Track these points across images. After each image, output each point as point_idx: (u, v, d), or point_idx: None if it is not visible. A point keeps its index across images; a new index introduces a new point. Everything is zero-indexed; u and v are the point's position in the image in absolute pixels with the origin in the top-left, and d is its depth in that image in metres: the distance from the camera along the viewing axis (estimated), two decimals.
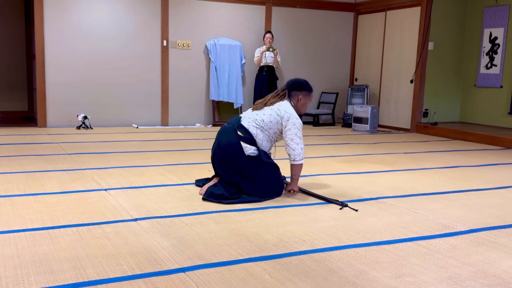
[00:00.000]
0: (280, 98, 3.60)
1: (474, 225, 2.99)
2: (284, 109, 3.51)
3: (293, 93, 3.61)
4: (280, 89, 3.67)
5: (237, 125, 3.53)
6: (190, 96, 8.13)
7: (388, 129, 8.36)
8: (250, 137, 3.48)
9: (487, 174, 4.61)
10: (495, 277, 2.23)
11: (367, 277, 2.18)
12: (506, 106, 7.55)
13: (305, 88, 3.65)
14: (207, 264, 2.28)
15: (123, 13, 7.59)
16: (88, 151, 5.30)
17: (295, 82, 3.66)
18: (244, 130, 3.49)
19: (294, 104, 3.62)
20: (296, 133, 3.51)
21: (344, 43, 9.19)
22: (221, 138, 3.54)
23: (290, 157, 3.57)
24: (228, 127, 3.56)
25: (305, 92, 3.64)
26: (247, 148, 3.45)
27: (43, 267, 2.19)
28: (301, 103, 3.64)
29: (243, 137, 3.46)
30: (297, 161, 3.56)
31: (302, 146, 3.55)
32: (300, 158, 3.55)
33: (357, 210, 3.23)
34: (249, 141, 3.47)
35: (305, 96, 3.64)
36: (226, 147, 3.47)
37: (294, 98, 3.62)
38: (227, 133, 3.51)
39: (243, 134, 3.47)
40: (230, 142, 3.46)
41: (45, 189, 3.59)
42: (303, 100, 3.63)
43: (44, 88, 7.27)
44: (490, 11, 7.69)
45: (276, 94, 3.64)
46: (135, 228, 2.77)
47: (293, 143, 3.51)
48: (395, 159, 5.31)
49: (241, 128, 3.50)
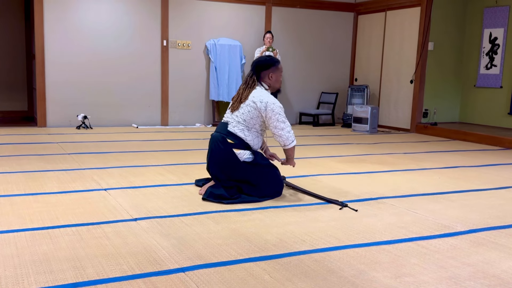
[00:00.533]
0: (251, 87, 3.50)
1: (474, 226, 2.99)
2: (258, 99, 3.41)
3: (262, 74, 3.54)
4: (248, 76, 3.56)
5: (225, 132, 3.48)
6: (190, 96, 8.13)
7: (388, 129, 8.37)
8: (241, 141, 3.45)
9: (487, 175, 4.61)
10: (495, 277, 2.23)
11: (367, 277, 2.18)
12: (506, 106, 7.55)
13: (270, 64, 3.54)
14: (206, 264, 2.28)
15: (123, 13, 7.59)
16: (88, 151, 5.30)
17: (258, 62, 3.55)
18: (233, 136, 3.45)
19: (267, 84, 3.55)
20: (278, 119, 3.40)
21: (344, 43, 9.20)
22: (213, 149, 3.50)
23: (280, 144, 3.52)
24: (217, 136, 3.50)
25: (273, 68, 3.55)
26: (241, 154, 3.43)
27: (43, 267, 2.19)
28: (274, 80, 3.56)
29: (234, 144, 3.43)
30: (287, 145, 3.49)
31: (289, 129, 3.46)
32: (289, 142, 3.47)
33: (356, 210, 3.23)
34: (241, 145, 3.44)
35: (274, 71, 3.55)
36: (220, 158, 3.45)
37: (265, 79, 3.54)
38: (218, 143, 3.46)
39: (234, 140, 3.44)
40: (223, 151, 3.43)
41: (45, 189, 3.59)
42: (274, 76, 3.55)
43: (44, 88, 7.27)
44: (490, 12, 7.70)
45: (246, 84, 3.53)
46: (134, 228, 2.77)
47: (278, 130, 3.43)
48: (395, 159, 5.31)
49: (230, 135, 3.45)
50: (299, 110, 8.91)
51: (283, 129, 3.43)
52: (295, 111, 8.94)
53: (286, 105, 8.76)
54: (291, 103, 8.88)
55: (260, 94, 3.45)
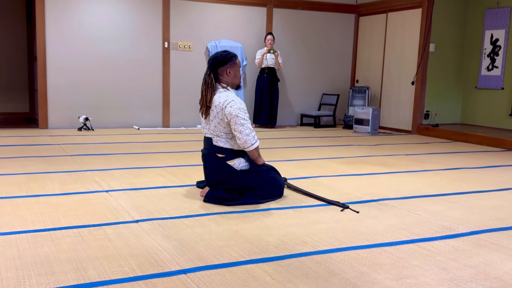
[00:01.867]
0: (211, 87, 3.38)
1: (476, 227, 2.99)
2: (220, 105, 3.31)
3: (219, 70, 3.41)
4: (206, 74, 3.41)
5: (212, 148, 3.45)
6: (192, 97, 8.12)
7: (389, 130, 8.36)
8: (230, 152, 3.43)
9: (489, 176, 4.60)
10: (497, 279, 2.23)
11: (368, 279, 2.18)
12: (507, 107, 7.54)
13: (227, 59, 3.40)
14: (208, 265, 2.28)
15: (124, 15, 7.60)
16: (89, 152, 5.31)
17: (215, 59, 3.40)
18: (221, 149, 3.43)
19: (227, 81, 3.44)
20: (236, 122, 3.29)
21: (345, 45, 9.20)
22: (207, 166, 3.48)
23: (240, 146, 3.39)
24: (207, 153, 3.48)
25: (230, 63, 3.41)
26: (236, 165, 3.42)
27: (44, 269, 2.19)
28: (232, 75, 3.43)
29: (225, 156, 3.42)
30: (247, 148, 3.37)
31: (248, 131, 3.32)
32: (248, 145, 3.34)
33: (358, 212, 3.23)
34: (232, 155, 3.43)
35: (231, 66, 3.41)
36: (217, 173, 3.43)
37: (223, 75, 3.42)
38: (210, 160, 3.45)
39: (223, 153, 3.42)
40: (218, 167, 3.42)
41: (46, 191, 3.60)
42: (231, 71, 3.42)
43: (46, 90, 7.28)
44: (491, 13, 7.69)
45: (206, 85, 3.38)
46: (136, 229, 2.77)
47: (236, 132, 3.33)
48: (396, 160, 5.31)
49: (218, 149, 3.43)
50: (300, 111, 8.91)
51: (241, 132, 3.32)
52: (296, 112, 8.94)
53: (287, 106, 8.77)
54: (292, 105, 8.88)
55: (219, 100, 3.34)
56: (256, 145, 3.40)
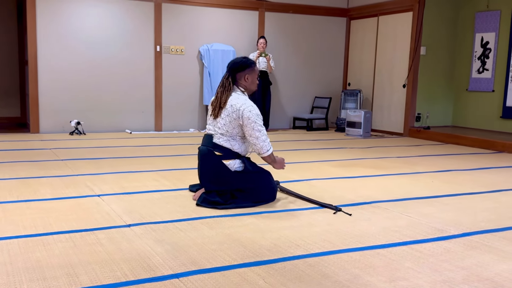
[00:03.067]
0: (228, 90, 3.43)
1: (468, 229, 3.00)
2: (236, 106, 3.35)
3: (238, 75, 3.47)
4: (224, 78, 3.47)
5: (211, 145, 3.45)
6: (184, 101, 8.13)
7: (381, 133, 8.39)
8: (229, 151, 3.43)
9: (480, 178, 4.63)
10: (489, 280, 2.24)
11: (361, 282, 2.18)
12: (498, 110, 7.60)
13: (246, 65, 3.46)
14: (201, 269, 2.27)
15: (116, 19, 7.58)
16: (81, 157, 5.28)
17: (234, 64, 3.47)
18: (220, 147, 3.43)
19: (243, 86, 3.50)
20: (253, 127, 3.35)
21: (337, 48, 9.23)
22: (203, 163, 3.48)
23: (255, 151, 3.47)
24: (204, 150, 3.48)
25: (249, 69, 3.47)
26: (231, 165, 3.42)
27: (36, 274, 2.18)
28: (249, 82, 3.49)
29: (222, 155, 3.42)
30: (262, 154, 3.43)
31: (264, 138, 3.39)
32: (264, 151, 3.42)
33: (350, 215, 3.24)
34: (230, 155, 3.43)
35: (250, 73, 3.48)
36: (211, 171, 3.44)
37: (241, 80, 3.48)
38: (206, 157, 3.45)
39: (221, 152, 3.42)
40: (212, 165, 3.42)
41: (38, 196, 3.58)
42: (249, 77, 3.48)
43: (37, 94, 7.24)
44: (482, 16, 7.76)
45: (223, 87, 3.44)
46: (128, 234, 2.76)
47: (252, 138, 3.37)
48: (388, 163, 5.33)
49: (217, 147, 3.44)
50: (292, 114, 8.93)
51: (258, 138, 3.37)
52: (289, 115, 8.96)
53: (279, 109, 8.78)
54: (284, 108, 8.90)
55: (237, 101, 3.39)
56: (271, 151, 3.48)
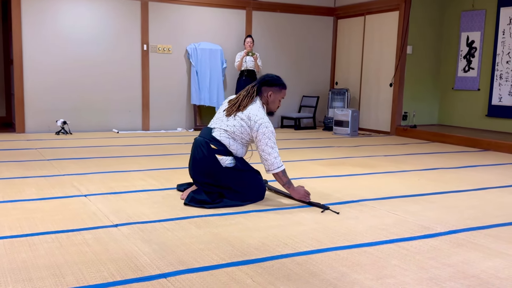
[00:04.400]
0: (251, 97, 3.44)
1: (454, 227, 3.03)
2: (254, 118, 3.35)
3: (263, 88, 3.47)
4: (251, 85, 3.49)
5: (209, 137, 3.45)
6: (171, 100, 8.09)
7: (368, 132, 8.44)
8: (224, 148, 3.43)
9: (466, 176, 4.67)
10: (475, 277, 2.26)
11: (349, 279, 2.19)
12: (483, 108, 7.67)
13: (275, 83, 3.49)
14: (188, 269, 2.27)
15: (102, 17, 7.53)
16: (67, 156, 5.24)
17: (265, 77, 3.50)
18: (217, 142, 3.42)
19: (264, 101, 3.51)
20: (267, 143, 3.34)
21: (324, 47, 9.26)
22: (195, 153, 3.47)
23: (265, 168, 3.42)
24: (200, 140, 3.47)
25: (276, 88, 3.49)
26: (223, 160, 3.41)
27: (22, 275, 2.16)
28: (271, 100, 3.49)
29: (217, 149, 3.40)
30: (271, 170, 3.38)
31: (276, 155, 3.37)
32: (274, 168, 3.37)
33: (338, 213, 3.25)
34: (223, 152, 3.42)
35: (275, 92, 3.49)
36: (202, 162, 3.42)
37: (264, 95, 3.49)
38: (201, 147, 3.43)
39: (217, 146, 3.41)
40: (204, 156, 3.40)
41: (23, 196, 3.54)
42: (273, 96, 3.49)
43: (22, 94, 7.17)
44: (467, 15, 7.83)
45: (247, 92, 3.45)
46: (115, 234, 2.74)
47: (265, 154, 3.36)
48: (375, 161, 5.36)
49: (214, 140, 3.43)
50: (280, 113, 8.94)
51: (270, 154, 3.35)
52: (277, 114, 8.96)
53: None
54: None
55: (256, 111, 3.38)
56: (282, 168, 3.41)
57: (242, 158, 3.55)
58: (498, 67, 7.37)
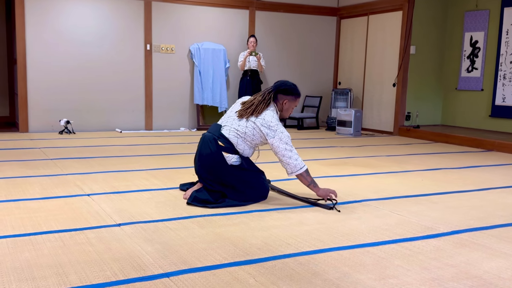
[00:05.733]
0: (267, 103, 3.45)
1: (457, 227, 3.02)
2: (269, 124, 3.37)
3: (279, 96, 3.51)
4: (267, 91, 3.52)
5: (217, 134, 3.45)
6: (174, 100, 8.10)
7: (371, 132, 8.43)
8: (231, 147, 3.43)
9: (469, 176, 4.66)
10: (477, 278, 2.26)
11: (351, 280, 2.19)
12: (487, 108, 7.65)
13: (292, 92, 3.54)
14: (191, 268, 2.27)
15: (105, 17, 7.54)
16: (70, 156, 5.25)
17: (282, 85, 3.52)
18: (225, 139, 3.43)
19: (279, 108, 3.54)
20: (285, 148, 3.38)
21: (327, 47, 9.25)
22: (202, 148, 3.47)
23: (288, 171, 3.44)
24: (208, 136, 3.47)
25: (291, 97, 3.54)
26: (229, 158, 3.41)
27: (25, 274, 2.16)
28: (285, 108, 3.55)
29: (224, 147, 3.41)
30: (295, 172, 3.41)
31: (296, 157, 3.41)
32: (298, 169, 3.40)
33: (339, 211, 3.25)
34: (230, 150, 3.43)
35: (290, 100, 3.54)
36: (208, 158, 3.42)
37: (279, 102, 3.52)
38: (208, 143, 3.43)
39: (224, 143, 3.42)
40: (211, 152, 3.40)
41: (27, 195, 3.55)
42: (287, 104, 3.54)
43: (26, 93, 7.19)
44: (471, 15, 7.81)
45: (263, 97, 3.48)
46: (118, 233, 2.75)
47: (285, 158, 3.39)
48: (378, 162, 5.35)
49: (222, 137, 3.43)
50: None
51: (291, 158, 3.39)
52: None
53: None
54: None
55: (271, 119, 3.39)
56: (305, 168, 3.43)
57: (248, 158, 3.56)
58: (501, 67, 7.36)
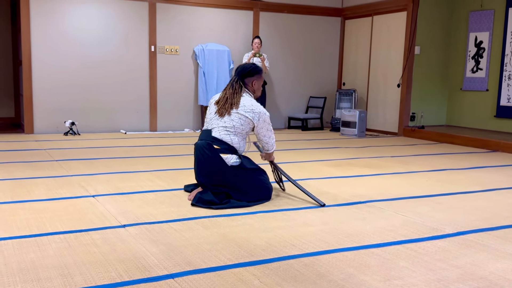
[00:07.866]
0: (239, 92, 3.54)
1: (462, 228, 3.01)
2: (251, 108, 3.49)
3: (246, 80, 3.60)
4: (233, 81, 3.58)
5: (210, 139, 3.47)
6: (179, 101, 8.11)
7: (376, 133, 8.41)
8: (227, 146, 3.45)
9: (474, 177, 4.64)
10: (483, 279, 2.25)
11: (356, 281, 2.19)
12: (492, 109, 7.63)
13: (255, 71, 3.63)
14: (196, 270, 2.27)
15: (110, 18, 7.56)
16: (75, 157, 5.27)
17: (244, 69, 3.61)
18: (218, 141, 3.45)
19: (250, 91, 3.63)
20: (267, 128, 3.60)
21: (332, 48, 9.24)
22: (200, 156, 3.47)
23: (264, 147, 3.71)
24: (202, 143, 3.48)
25: (257, 76, 3.64)
26: (228, 159, 3.43)
27: (30, 275, 2.17)
28: (256, 87, 3.66)
29: (220, 149, 3.43)
30: (269, 150, 3.71)
31: (273, 136, 3.69)
32: (272, 148, 3.71)
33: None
34: (227, 150, 3.44)
35: (257, 79, 3.65)
36: (207, 164, 3.43)
37: (248, 85, 3.62)
38: (204, 150, 3.44)
39: (220, 145, 3.43)
40: (210, 158, 3.42)
41: (32, 196, 3.56)
42: (257, 84, 3.65)
43: (31, 94, 7.22)
44: (476, 16, 7.78)
45: (234, 89, 3.54)
46: (123, 234, 2.75)
47: (266, 138, 3.63)
48: (383, 162, 5.34)
49: (215, 140, 3.45)
50: (287, 114, 8.93)
51: (270, 137, 3.65)
52: (284, 115, 8.96)
53: (274, 109, 8.78)
54: (279, 108, 8.90)
55: (251, 102, 3.53)
56: (275, 148, 3.76)
57: (247, 157, 3.58)
58: (506, 68, 7.33)
